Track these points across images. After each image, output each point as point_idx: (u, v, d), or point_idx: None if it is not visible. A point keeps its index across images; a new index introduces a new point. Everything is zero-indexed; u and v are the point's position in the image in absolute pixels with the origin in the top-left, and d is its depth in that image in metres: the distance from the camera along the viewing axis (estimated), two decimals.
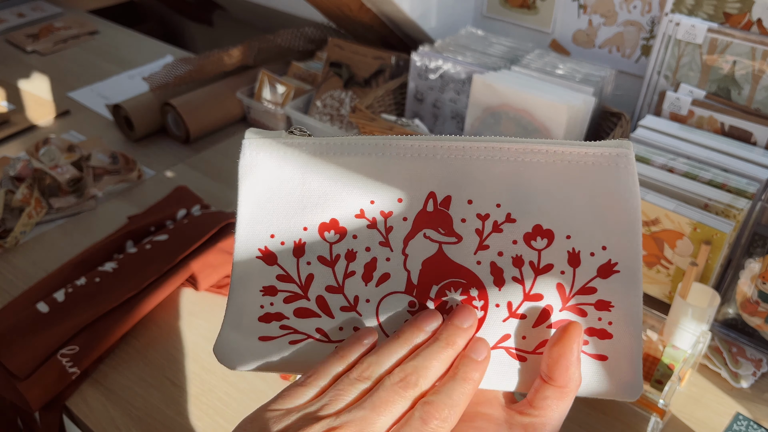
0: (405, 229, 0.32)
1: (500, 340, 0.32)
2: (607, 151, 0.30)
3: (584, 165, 0.30)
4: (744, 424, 0.60)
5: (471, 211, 0.31)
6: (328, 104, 1.10)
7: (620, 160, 0.30)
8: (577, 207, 0.30)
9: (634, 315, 0.31)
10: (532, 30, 1.11)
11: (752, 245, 0.69)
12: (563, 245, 0.31)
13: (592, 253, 0.30)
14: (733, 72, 0.86)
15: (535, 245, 0.31)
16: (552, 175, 0.30)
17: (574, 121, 0.84)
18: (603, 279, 0.30)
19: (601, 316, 0.31)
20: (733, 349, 0.71)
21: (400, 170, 0.32)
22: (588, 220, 0.30)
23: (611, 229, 0.30)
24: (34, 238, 0.89)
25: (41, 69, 1.35)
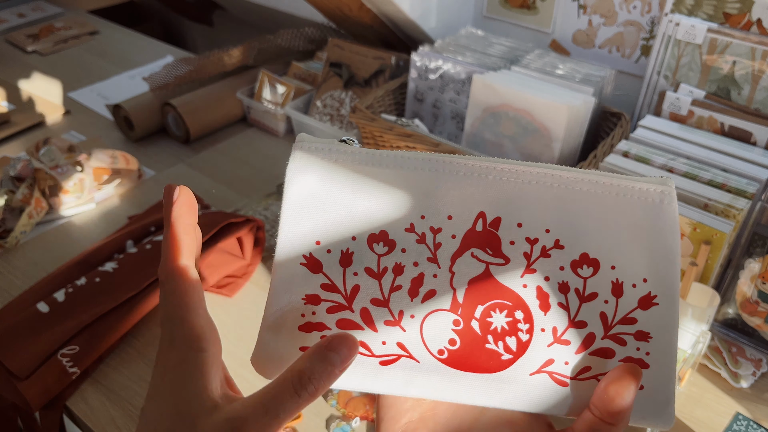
0: (453, 246, 0.32)
1: (544, 365, 0.32)
2: (653, 187, 0.32)
3: (630, 199, 0.31)
4: (744, 424, 0.60)
5: (520, 234, 0.32)
6: (328, 104, 1.10)
7: (665, 197, 0.32)
8: (622, 239, 0.31)
9: (671, 347, 0.31)
10: (532, 30, 1.11)
11: (752, 245, 0.69)
12: (608, 275, 0.31)
13: (634, 284, 0.31)
14: (733, 72, 0.86)
15: (581, 273, 0.31)
16: (600, 206, 0.31)
17: (574, 121, 0.84)
18: (643, 310, 0.31)
19: (640, 347, 0.31)
20: (732, 349, 0.71)
21: (451, 188, 0.32)
22: (632, 252, 0.31)
23: (652, 263, 0.31)
24: (35, 238, 0.89)
25: (41, 69, 1.35)
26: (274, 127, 1.14)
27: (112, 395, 0.68)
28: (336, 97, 1.09)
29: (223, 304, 0.79)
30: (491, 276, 0.32)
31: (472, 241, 0.32)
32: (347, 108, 1.08)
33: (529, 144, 0.87)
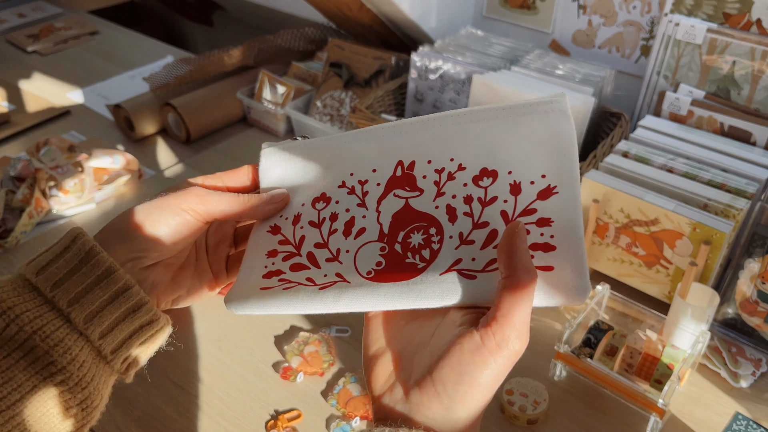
0: (378, 192, 0.40)
1: (453, 264, 0.36)
2: (542, 100, 0.37)
3: (523, 114, 0.37)
4: (743, 423, 0.60)
5: (430, 168, 0.39)
6: (328, 104, 1.10)
7: (555, 105, 0.37)
8: (516, 147, 0.37)
9: (574, 226, 0.35)
10: (532, 30, 1.11)
11: (751, 245, 0.69)
12: (506, 180, 0.37)
13: (533, 182, 0.36)
14: (733, 72, 0.86)
15: (482, 184, 0.38)
16: (495, 127, 0.38)
17: (573, 122, 0.84)
18: (543, 200, 0.36)
19: (543, 232, 0.35)
20: (732, 349, 0.71)
21: (373, 147, 0.41)
22: (529, 156, 0.37)
23: (550, 160, 0.36)
24: (35, 238, 0.89)
25: (42, 69, 1.36)
26: (274, 127, 1.14)
27: (112, 395, 0.68)
28: (336, 97, 1.09)
29: (222, 304, 0.79)
30: (410, 207, 0.39)
31: (394, 184, 0.40)
32: (347, 108, 1.08)
33: None
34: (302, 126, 1.09)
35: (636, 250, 0.75)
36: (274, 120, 1.13)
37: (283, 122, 1.13)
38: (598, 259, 0.79)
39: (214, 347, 0.73)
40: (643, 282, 0.77)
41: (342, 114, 1.08)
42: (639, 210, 0.72)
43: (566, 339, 0.66)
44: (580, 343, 0.67)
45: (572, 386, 0.68)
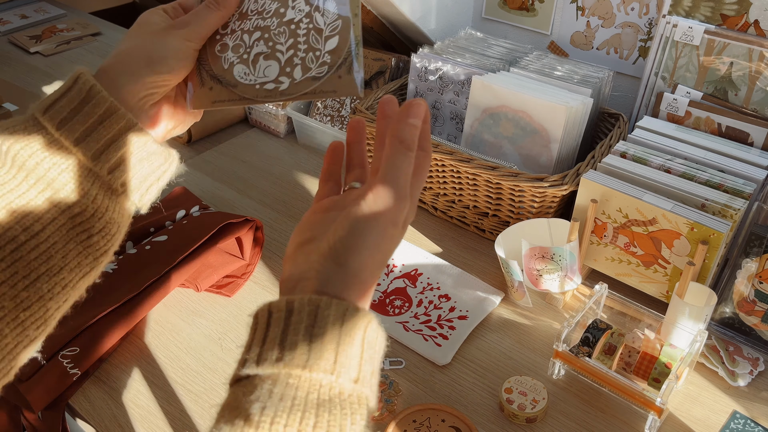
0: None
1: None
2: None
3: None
4: (741, 422, 0.60)
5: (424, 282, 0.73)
6: (328, 105, 1.11)
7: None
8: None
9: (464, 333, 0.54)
10: (531, 32, 1.11)
11: (749, 245, 0.70)
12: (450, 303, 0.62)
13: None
14: (730, 73, 0.86)
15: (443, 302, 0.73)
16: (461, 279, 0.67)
17: (572, 122, 0.84)
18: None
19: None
20: (730, 348, 0.71)
21: None
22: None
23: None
24: None
25: (44, 70, 1.36)
26: (275, 128, 1.15)
27: (114, 393, 0.68)
28: (336, 98, 1.10)
29: (223, 303, 0.79)
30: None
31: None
32: (347, 109, 1.08)
33: (527, 145, 0.87)
34: (303, 127, 1.10)
35: (634, 249, 0.75)
36: (275, 121, 1.14)
37: (284, 123, 1.13)
38: (596, 258, 0.79)
39: (216, 346, 0.74)
40: (641, 281, 0.77)
41: (342, 115, 1.09)
42: (637, 210, 0.72)
43: (565, 338, 0.66)
44: (579, 342, 0.68)
45: (571, 385, 0.68)
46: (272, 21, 0.47)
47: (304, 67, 0.45)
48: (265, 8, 0.47)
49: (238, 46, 0.47)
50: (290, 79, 0.45)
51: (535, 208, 0.82)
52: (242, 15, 0.48)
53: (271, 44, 0.46)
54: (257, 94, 0.46)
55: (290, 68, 0.45)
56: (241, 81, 0.46)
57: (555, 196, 0.80)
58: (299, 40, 0.45)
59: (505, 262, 0.75)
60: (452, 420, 0.64)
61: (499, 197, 0.84)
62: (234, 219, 0.83)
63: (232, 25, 0.48)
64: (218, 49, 0.47)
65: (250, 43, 0.47)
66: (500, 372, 0.70)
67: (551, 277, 0.75)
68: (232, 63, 0.46)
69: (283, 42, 0.46)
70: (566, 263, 0.74)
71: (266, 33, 0.46)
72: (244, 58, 0.46)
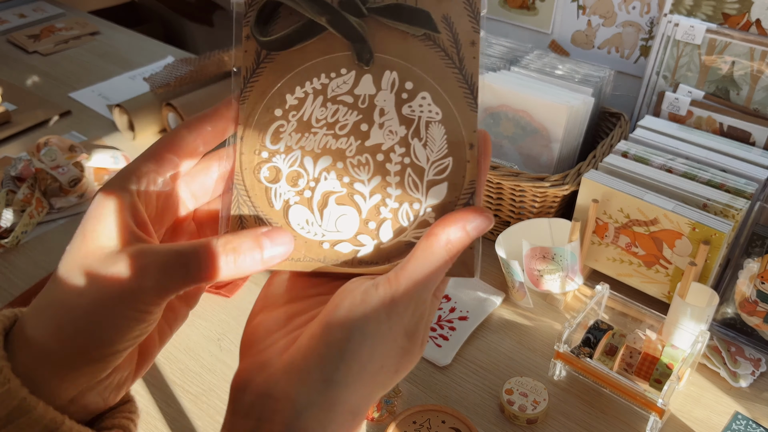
0: None
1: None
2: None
3: None
4: (743, 423, 0.60)
5: None
6: None
7: None
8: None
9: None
10: (532, 31, 1.11)
11: (751, 245, 0.69)
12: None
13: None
14: (732, 72, 0.86)
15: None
16: None
17: (573, 122, 0.84)
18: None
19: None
20: (731, 349, 0.71)
21: None
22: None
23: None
24: (35, 238, 0.89)
25: (42, 69, 1.36)
26: None
27: None
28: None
29: (222, 304, 0.79)
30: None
31: None
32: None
33: (528, 144, 0.87)
34: None
35: (635, 249, 0.75)
36: None
37: None
38: (597, 258, 0.79)
39: (215, 347, 0.73)
40: (642, 282, 0.77)
41: None
42: (638, 210, 0.72)
43: (566, 338, 0.66)
44: (580, 342, 0.68)
45: (572, 386, 0.68)
46: (349, 143, 0.31)
47: (396, 225, 0.31)
48: (339, 119, 0.31)
49: (296, 175, 0.31)
50: (375, 240, 0.31)
51: (535, 208, 0.82)
52: (303, 124, 0.31)
53: (348, 180, 0.31)
54: (325, 257, 0.31)
55: (375, 223, 0.31)
56: (299, 232, 0.31)
57: (556, 196, 0.79)
58: (389, 181, 0.31)
59: (505, 263, 0.74)
60: (452, 421, 0.63)
61: (499, 197, 0.84)
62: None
63: (286, 138, 0.31)
64: (265, 175, 0.31)
65: (314, 173, 0.31)
66: (501, 373, 0.70)
67: (552, 277, 0.75)
68: (286, 202, 0.31)
69: (366, 180, 0.31)
70: (567, 263, 0.74)
71: (340, 161, 0.31)
72: (305, 196, 0.31)
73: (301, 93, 0.31)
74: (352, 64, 0.31)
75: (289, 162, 0.31)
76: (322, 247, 0.31)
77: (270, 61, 0.31)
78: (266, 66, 0.31)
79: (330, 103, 0.31)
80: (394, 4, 0.30)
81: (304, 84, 0.31)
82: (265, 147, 0.31)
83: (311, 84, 0.31)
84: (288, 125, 0.31)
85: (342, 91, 0.31)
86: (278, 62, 0.31)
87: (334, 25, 0.30)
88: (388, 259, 0.31)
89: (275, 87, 0.31)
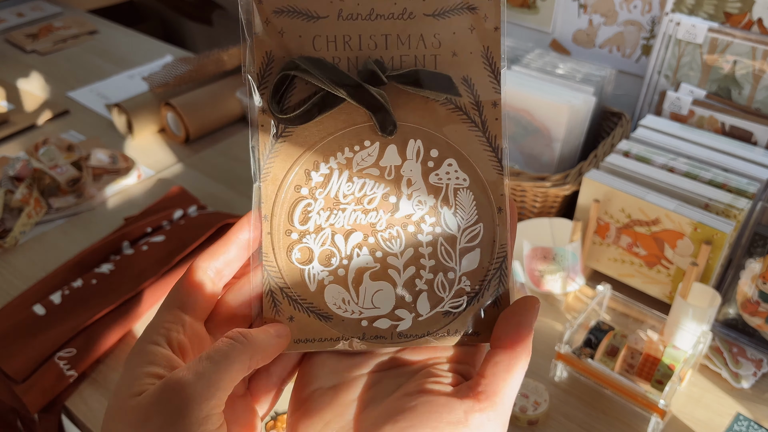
0: None
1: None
2: None
3: None
4: (745, 424, 0.59)
5: None
6: None
7: None
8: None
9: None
10: (533, 30, 1.11)
11: (753, 245, 0.69)
12: None
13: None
14: (734, 72, 0.86)
15: None
16: None
17: (574, 121, 0.83)
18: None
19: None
20: (733, 349, 0.71)
21: None
22: None
23: None
24: (34, 238, 0.89)
25: (41, 69, 1.35)
26: None
27: (111, 395, 0.67)
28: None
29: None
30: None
31: None
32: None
33: (529, 144, 0.87)
34: None
35: (637, 250, 0.74)
36: None
37: None
38: (598, 259, 0.79)
39: None
40: (644, 282, 0.76)
41: None
42: (640, 210, 0.72)
43: (567, 339, 0.66)
44: (581, 343, 0.67)
45: (573, 387, 0.68)
46: (379, 216, 0.31)
47: (432, 296, 0.31)
48: (366, 193, 0.31)
49: (328, 254, 0.31)
50: (412, 313, 0.31)
51: (536, 207, 0.81)
52: (330, 201, 0.31)
53: (380, 255, 0.31)
54: (364, 334, 0.31)
55: (411, 297, 0.31)
56: (336, 312, 0.31)
57: (557, 196, 0.79)
58: (422, 252, 0.31)
59: None
60: None
61: None
62: (232, 219, 0.82)
63: (315, 217, 0.31)
64: (296, 257, 0.31)
65: (346, 250, 0.31)
66: None
67: (553, 277, 0.74)
68: (321, 282, 0.31)
69: (398, 253, 0.31)
70: (568, 264, 0.74)
71: (371, 235, 0.31)
72: (339, 275, 0.31)
73: (326, 169, 0.31)
74: (375, 134, 0.30)
75: (320, 241, 0.31)
76: (360, 324, 0.31)
77: (289, 135, 0.31)
78: (285, 140, 0.31)
79: (356, 177, 0.31)
80: (413, 71, 0.30)
81: (328, 159, 0.31)
82: (294, 228, 0.31)
83: (336, 159, 0.31)
84: (315, 203, 0.31)
85: (367, 164, 0.31)
86: (298, 135, 0.31)
87: (354, 96, 0.29)
88: (427, 331, 0.31)
89: (299, 164, 0.31)
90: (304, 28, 0.30)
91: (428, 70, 0.30)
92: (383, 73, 0.29)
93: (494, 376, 0.27)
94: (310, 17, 0.30)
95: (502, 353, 0.27)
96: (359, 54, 0.30)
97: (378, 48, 0.30)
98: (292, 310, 0.31)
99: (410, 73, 0.30)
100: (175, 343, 0.28)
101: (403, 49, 0.30)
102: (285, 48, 0.30)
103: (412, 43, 0.30)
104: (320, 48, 0.30)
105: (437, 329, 0.31)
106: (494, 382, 0.27)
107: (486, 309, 0.31)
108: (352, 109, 0.30)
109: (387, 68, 0.30)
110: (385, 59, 0.30)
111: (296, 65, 0.29)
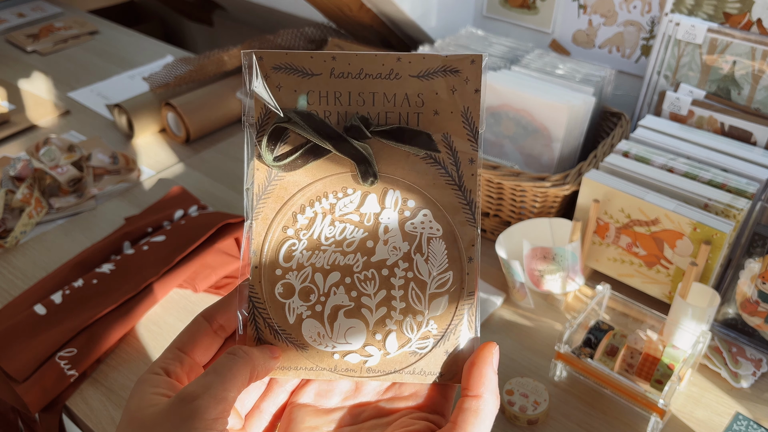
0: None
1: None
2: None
3: None
4: (744, 424, 0.60)
5: None
6: None
7: None
8: None
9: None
10: (532, 30, 1.11)
11: (752, 245, 0.69)
12: None
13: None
14: (733, 72, 0.86)
15: None
16: None
17: (574, 121, 0.84)
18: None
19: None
20: (732, 349, 0.71)
21: None
22: None
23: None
24: (35, 238, 0.89)
25: (41, 69, 1.35)
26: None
27: (112, 395, 0.68)
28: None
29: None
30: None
31: None
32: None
33: (529, 144, 0.87)
34: None
35: (636, 250, 0.75)
36: None
37: None
38: (598, 259, 0.79)
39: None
40: (643, 282, 0.76)
41: None
42: (639, 210, 0.72)
43: (566, 339, 0.66)
44: (581, 343, 0.67)
45: (572, 386, 0.68)
46: (356, 259, 0.33)
47: (401, 336, 0.33)
48: (346, 237, 0.33)
49: (308, 290, 0.34)
50: (381, 351, 0.33)
51: (536, 207, 0.81)
52: (313, 242, 0.34)
53: (355, 294, 0.33)
54: (335, 367, 0.33)
55: (381, 335, 0.33)
56: (311, 344, 0.34)
57: (557, 196, 0.79)
58: (394, 294, 0.33)
59: (506, 263, 0.74)
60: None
61: (500, 197, 0.84)
62: (232, 219, 0.82)
63: (298, 256, 0.34)
64: (279, 291, 0.34)
65: (324, 288, 0.33)
66: (501, 373, 0.70)
67: (553, 277, 0.74)
68: (299, 316, 0.34)
69: (372, 294, 0.33)
70: (568, 264, 0.74)
71: (348, 276, 0.33)
72: (316, 310, 0.33)
73: (311, 213, 0.34)
74: (358, 183, 0.33)
75: (301, 278, 0.34)
76: (332, 357, 0.33)
77: (280, 179, 0.34)
78: (277, 184, 0.34)
79: (338, 222, 0.34)
80: (396, 128, 0.33)
81: (313, 204, 0.34)
82: (280, 265, 0.34)
83: (320, 204, 0.34)
84: (299, 244, 0.34)
85: (348, 210, 0.34)
86: (288, 181, 0.34)
87: (338, 148, 0.32)
88: (394, 368, 0.33)
89: (287, 207, 0.34)
90: (299, 83, 0.33)
91: (410, 128, 0.33)
92: (368, 129, 0.32)
93: (464, 422, 0.29)
94: (305, 74, 0.33)
95: (471, 400, 0.30)
96: (348, 109, 0.33)
97: (366, 104, 0.33)
98: (272, 339, 0.34)
99: (393, 129, 0.33)
100: (173, 376, 0.31)
101: (388, 106, 0.33)
102: (281, 101, 0.33)
103: (397, 101, 0.33)
104: (313, 102, 0.33)
105: (403, 367, 0.33)
106: (465, 428, 0.29)
107: (450, 352, 0.33)
108: (338, 158, 0.33)
109: (372, 123, 0.33)
110: (372, 115, 0.33)
111: (289, 118, 0.33)
